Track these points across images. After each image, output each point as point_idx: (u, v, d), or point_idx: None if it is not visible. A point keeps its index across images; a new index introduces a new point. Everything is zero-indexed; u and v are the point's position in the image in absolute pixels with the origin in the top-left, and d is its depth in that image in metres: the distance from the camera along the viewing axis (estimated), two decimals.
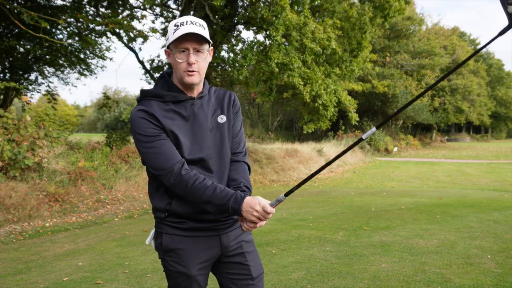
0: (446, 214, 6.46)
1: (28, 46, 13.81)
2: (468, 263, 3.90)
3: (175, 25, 1.64)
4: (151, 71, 15.30)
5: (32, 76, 16.73)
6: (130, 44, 14.83)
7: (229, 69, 13.21)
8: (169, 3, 16.13)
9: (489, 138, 57.68)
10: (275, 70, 12.44)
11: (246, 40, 14.76)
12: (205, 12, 12.47)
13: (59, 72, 17.25)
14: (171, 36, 1.64)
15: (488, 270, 3.68)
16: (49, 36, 12.35)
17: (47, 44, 11.88)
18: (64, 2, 13.76)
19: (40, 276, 4.13)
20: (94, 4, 13.11)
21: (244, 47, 13.96)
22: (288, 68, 12.65)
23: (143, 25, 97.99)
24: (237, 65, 12.52)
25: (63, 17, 13.06)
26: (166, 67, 15.31)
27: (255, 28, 13.85)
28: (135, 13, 13.86)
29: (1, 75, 14.63)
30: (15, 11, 9.92)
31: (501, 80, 56.63)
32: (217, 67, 14.08)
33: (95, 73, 17.19)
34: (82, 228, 6.85)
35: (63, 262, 4.64)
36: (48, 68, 16.83)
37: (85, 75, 16.74)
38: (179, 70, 1.66)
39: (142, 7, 14.36)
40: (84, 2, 13.22)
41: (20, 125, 7.95)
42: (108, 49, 13.55)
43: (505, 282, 3.39)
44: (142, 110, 1.65)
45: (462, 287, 3.32)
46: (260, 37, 32.38)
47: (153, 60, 15.63)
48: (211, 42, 1.72)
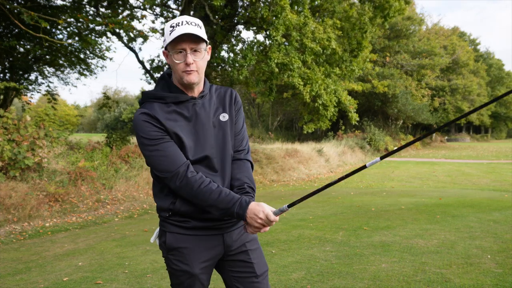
0: (446, 214, 6.46)
1: (28, 46, 13.82)
2: (468, 263, 3.90)
3: (170, 26, 1.64)
4: (151, 71, 15.31)
5: (32, 76, 16.75)
6: (130, 44, 14.83)
7: (229, 69, 13.21)
8: (169, 3, 16.14)
9: (489, 138, 57.69)
10: (275, 70, 12.43)
11: (246, 40, 14.77)
12: (205, 12, 12.47)
13: (59, 72, 17.26)
14: (167, 37, 1.65)
15: (488, 270, 3.68)
16: (49, 36, 12.35)
17: (47, 44, 11.89)
18: (64, 2, 13.78)
19: (40, 276, 4.13)
20: (94, 4, 13.11)
21: (244, 47, 13.96)
22: (288, 68, 12.65)
23: (143, 25, 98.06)
24: (237, 65, 12.52)
25: (63, 17, 13.07)
26: (166, 67, 15.31)
27: (255, 28, 13.85)
28: (135, 13, 13.87)
29: (1, 75, 14.64)
30: (15, 11, 9.92)
31: (501, 80, 56.65)
32: (217, 67, 14.08)
33: (95, 73, 17.21)
34: (82, 228, 6.85)
35: (63, 262, 4.64)
36: (48, 68, 16.84)
37: (85, 75, 16.76)
38: (178, 70, 1.66)
39: (142, 7, 14.37)
40: (84, 2, 13.23)
41: (20, 125, 7.95)
42: (108, 49, 13.56)
43: (505, 282, 3.39)
44: (144, 113, 1.65)
45: (462, 287, 3.32)
46: (260, 37, 32.41)
47: (153, 60, 15.64)
48: (208, 41, 1.72)
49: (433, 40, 37.97)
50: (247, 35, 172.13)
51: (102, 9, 13.54)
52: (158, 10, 15.51)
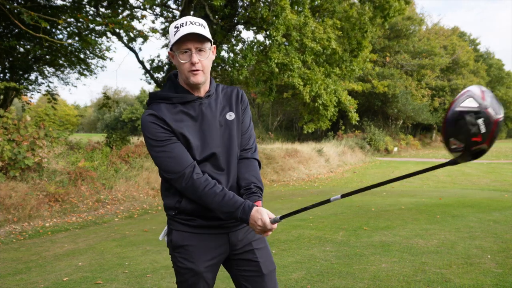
0: (446, 214, 6.46)
1: (28, 46, 13.81)
2: (468, 263, 3.90)
3: (175, 27, 1.66)
4: (151, 71, 15.31)
5: (32, 76, 16.75)
6: (130, 44, 14.83)
7: (229, 69, 13.20)
8: (169, 3, 16.15)
9: None
10: (275, 70, 12.43)
11: (246, 40, 14.77)
12: (205, 12, 12.47)
13: (59, 72, 17.26)
14: (172, 38, 1.66)
15: (488, 270, 3.68)
16: (49, 36, 12.35)
17: (47, 44, 11.88)
18: (64, 2, 13.77)
19: (40, 276, 4.13)
20: (94, 4, 13.11)
21: (244, 47, 13.95)
22: (288, 68, 12.65)
23: (143, 25, 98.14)
24: (237, 65, 12.51)
25: (63, 17, 13.06)
26: (166, 67, 15.32)
27: (255, 28, 13.84)
28: (135, 13, 13.86)
29: (1, 75, 14.64)
30: (15, 11, 9.92)
31: (501, 80, 56.62)
32: (217, 67, 14.08)
33: (95, 73, 17.21)
34: (82, 228, 6.85)
35: (63, 262, 4.64)
36: (48, 68, 16.84)
37: (85, 75, 16.76)
38: (184, 71, 1.68)
39: (142, 7, 14.36)
40: (84, 2, 13.22)
41: (20, 125, 7.95)
42: (108, 49, 13.57)
43: (505, 282, 3.39)
44: (151, 115, 1.68)
45: (462, 287, 3.32)
46: (260, 37, 32.42)
47: (153, 60, 15.64)
48: (213, 40, 1.73)
49: (433, 40, 37.94)
50: (247, 35, 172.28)
51: (102, 9, 13.54)
52: (158, 10, 15.52)
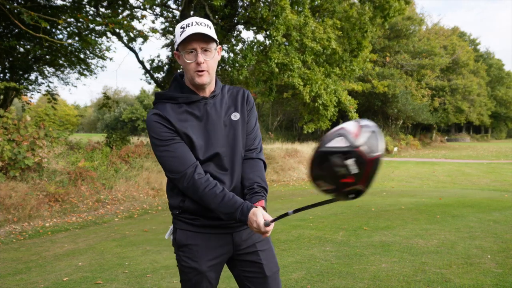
0: (446, 214, 6.46)
1: (28, 46, 13.82)
2: (468, 263, 3.90)
3: (181, 28, 1.67)
4: (151, 71, 15.31)
5: (32, 76, 16.76)
6: (130, 44, 14.84)
7: (229, 69, 13.21)
8: (169, 3, 16.15)
9: (489, 138, 57.69)
10: (275, 70, 12.43)
11: (246, 40, 14.77)
12: (205, 12, 12.47)
13: (59, 72, 17.27)
14: (178, 38, 1.68)
15: (488, 270, 3.68)
16: (49, 36, 12.35)
17: (47, 44, 11.89)
18: (64, 2, 13.78)
19: (40, 276, 4.13)
20: (94, 4, 13.11)
21: (244, 47, 13.95)
22: (288, 68, 12.65)
23: (143, 25, 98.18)
24: (237, 65, 12.52)
25: (63, 17, 13.06)
26: (166, 67, 15.33)
27: (255, 28, 13.85)
28: (135, 13, 13.87)
29: (1, 75, 14.64)
30: (15, 11, 9.92)
31: (501, 80, 56.63)
32: (217, 67, 14.07)
33: (95, 73, 17.22)
34: (82, 228, 6.85)
35: (63, 262, 4.64)
36: (48, 68, 16.85)
37: (85, 75, 16.76)
38: (189, 71, 1.69)
39: (142, 7, 14.36)
40: (84, 2, 13.22)
41: (20, 125, 7.95)
42: (108, 49, 13.61)
43: (505, 282, 3.39)
44: (156, 114, 1.69)
45: (462, 287, 3.32)
46: (260, 37, 32.39)
47: (153, 60, 15.65)
48: (218, 40, 1.74)
49: (433, 40, 37.97)
50: (247, 35, 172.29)
51: (102, 9, 13.55)
52: (158, 10, 15.52)
